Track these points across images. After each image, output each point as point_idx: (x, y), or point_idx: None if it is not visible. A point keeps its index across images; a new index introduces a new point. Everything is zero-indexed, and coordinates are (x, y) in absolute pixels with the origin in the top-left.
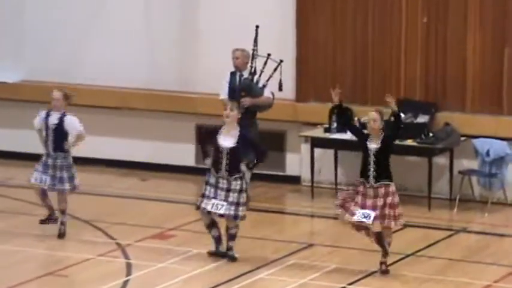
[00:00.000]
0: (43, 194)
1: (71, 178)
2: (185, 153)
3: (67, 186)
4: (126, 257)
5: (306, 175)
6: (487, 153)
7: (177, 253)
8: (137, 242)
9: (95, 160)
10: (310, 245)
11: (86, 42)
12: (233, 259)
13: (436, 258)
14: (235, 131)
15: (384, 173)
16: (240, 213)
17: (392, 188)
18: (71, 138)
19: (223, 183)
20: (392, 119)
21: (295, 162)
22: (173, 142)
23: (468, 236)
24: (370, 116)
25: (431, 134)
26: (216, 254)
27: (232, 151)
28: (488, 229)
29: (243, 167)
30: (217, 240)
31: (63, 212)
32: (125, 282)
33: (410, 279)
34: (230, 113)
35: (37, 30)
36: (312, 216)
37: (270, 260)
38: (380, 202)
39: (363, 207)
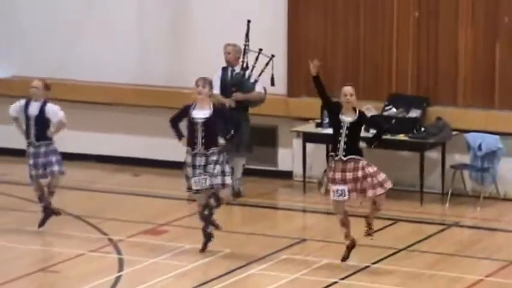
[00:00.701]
0: (40, 188)
1: (59, 161)
2: (177, 149)
3: (56, 167)
4: (118, 252)
5: (298, 170)
6: (479, 148)
7: (169, 249)
8: (129, 238)
9: (87, 156)
10: (302, 240)
11: (77, 38)
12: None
13: (428, 252)
14: (209, 106)
15: (353, 147)
16: (227, 182)
17: (362, 162)
18: (52, 126)
19: (200, 161)
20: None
21: (287, 157)
22: (165, 138)
23: (460, 230)
24: (346, 90)
25: (423, 129)
26: (206, 245)
27: (207, 123)
28: (481, 223)
29: (221, 140)
30: (207, 220)
31: (52, 193)
32: (117, 278)
33: (402, 273)
34: (202, 90)
35: (28, 26)
36: (304, 211)
37: (261, 255)
38: (350, 176)
39: (334, 182)
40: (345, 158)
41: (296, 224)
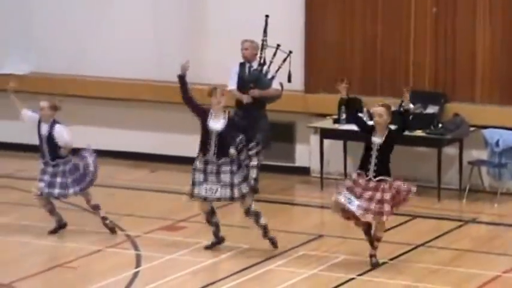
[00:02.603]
0: (49, 204)
1: (77, 181)
2: (194, 145)
3: (71, 191)
4: (136, 248)
5: (315, 166)
6: (497, 144)
7: (187, 245)
8: (146, 234)
9: (104, 152)
10: (320, 236)
11: (94, 34)
12: None
13: (445, 248)
14: (225, 115)
15: (383, 168)
16: (239, 192)
17: (385, 184)
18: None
19: (211, 169)
20: (401, 109)
21: (305, 153)
22: (182, 134)
23: (478, 226)
24: (376, 111)
25: (440, 125)
26: (214, 245)
27: (221, 134)
28: (498, 220)
29: (232, 151)
30: (217, 226)
31: (95, 208)
32: (135, 274)
33: (419, 269)
34: (222, 100)
35: (46, 22)
36: (322, 207)
37: (279, 251)
38: (367, 195)
39: (350, 191)
40: (374, 180)
41: (313, 220)
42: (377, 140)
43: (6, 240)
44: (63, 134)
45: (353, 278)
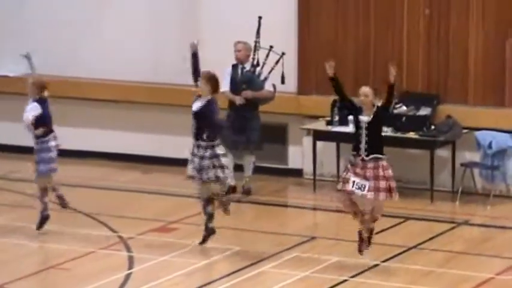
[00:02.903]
0: (44, 190)
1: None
2: (187, 146)
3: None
4: (128, 250)
5: (308, 168)
6: (489, 146)
7: (180, 246)
8: (139, 235)
9: (97, 153)
10: (313, 238)
11: (88, 35)
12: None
13: (438, 250)
14: (205, 99)
15: (375, 146)
16: (209, 176)
17: (383, 162)
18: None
19: (194, 149)
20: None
21: (297, 155)
22: (175, 135)
23: (470, 228)
24: (362, 91)
25: (433, 127)
26: (205, 239)
27: (197, 114)
28: (491, 222)
29: (204, 135)
30: (210, 217)
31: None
32: (127, 276)
33: (412, 271)
34: (205, 86)
35: (39, 23)
36: (314, 209)
37: (272, 253)
38: (370, 173)
39: (355, 174)
40: (367, 158)
41: (306, 221)
42: (365, 118)
43: None
44: (28, 111)
45: (346, 280)
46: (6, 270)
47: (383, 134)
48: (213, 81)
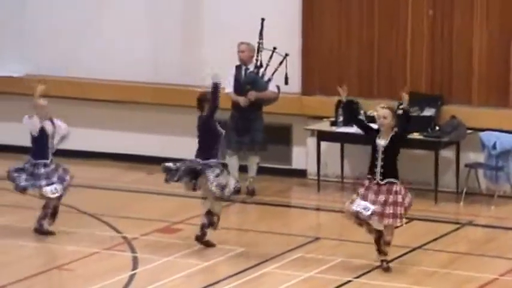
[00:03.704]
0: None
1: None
2: (191, 147)
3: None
4: (132, 250)
5: (312, 168)
6: (494, 147)
7: (184, 247)
8: (143, 236)
9: (101, 154)
10: (317, 239)
11: (90, 35)
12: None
13: (442, 251)
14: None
15: (390, 170)
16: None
17: (396, 187)
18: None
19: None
20: (400, 112)
21: (302, 155)
22: (179, 136)
23: (474, 229)
24: (380, 113)
25: (437, 128)
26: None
27: (198, 128)
28: (495, 222)
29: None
30: (212, 224)
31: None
32: (131, 276)
33: (416, 272)
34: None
35: (41, 24)
36: (318, 209)
37: (275, 253)
38: (381, 199)
39: (364, 198)
40: (381, 182)
41: (310, 222)
42: (382, 142)
43: (2, 243)
44: (62, 124)
45: (350, 281)
46: (9, 271)
47: None
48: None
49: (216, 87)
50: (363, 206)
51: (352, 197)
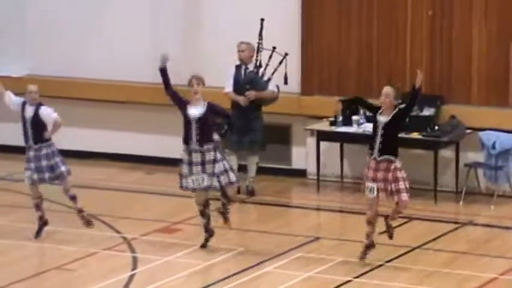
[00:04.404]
0: (39, 196)
1: (63, 161)
2: None
3: (63, 168)
4: (132, 251)
5: (311, 168)
6: (493, 146)
7: (183, 247)
8: (143, 236)
9: (101, 154)
10: (316, 238)
11: (90, 36)
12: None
13: (442, 251)
14: (203, 103)
15: (389, 147)
16: (232, 179)
17: (395, 164)
18: (49, 128)
19: (196, 157)
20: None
21: (301, 155)
22: (178, 136)
23: (474, 228)
24: (384, 91)
25: (436, 127)
26: (207, 241)
27: (200, 120)
28: (494, 222)
29: (215, 136)
30: (209, 219)
31: (73, 198)
32: (131, 276)
33: (416, 272)
34: (198, 88)
35: (42, 24)
36: (318, 209)
37: (276, 253)
38: (380, 176)
39: (367, 178)
40: (379, 158)
41: (310, 222)
42: (383, 118)
43: (1, 243)
44: (50, 113)
45: (350, 281)
46: (10, 271)
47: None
48: (204, 82)
49: (161, 72)
50: (369, 189)
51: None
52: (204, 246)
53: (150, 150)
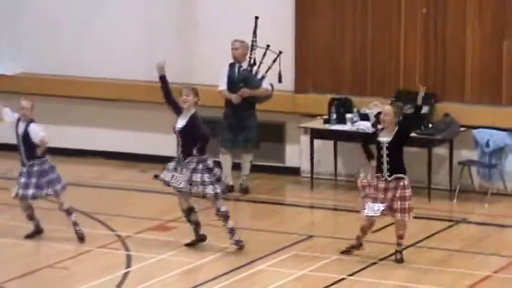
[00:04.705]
0: (29, 209)
1: (58, 178)
2: None
3: (58, 186)
4: (126, 248)
5: (305, 166)
6: (487, 144)
7: (177, 245)
8: (137, 234)
9: (95, 152)
10: (310, 237)
11: (85, 34)
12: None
13: (436, 249)
14: (189, 114)
15: (397, 165)
16: (208, 192)
17: (404, 181)
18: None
19: (182, 165)
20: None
21: (295, 153)
22: (172, 134)
23: (468, 226)
24: (384, 109)
25: (430, 125)
26: (195, 243)
27: (182, 132)
28: (488, 220)
29: (194, 151)
30: (197, 224)
31: (68, 212)
32: (125, 274)
33: (410, 270)
34: (187, 99)
35: (36, 22)
36: (312, 207)
37: (269, 251)
38: (389, 195)
39: (374, 200)
40: (389, 179)
41: (304, 220)
42: (385, 138)
43: None
44: (37, 131)
45: (343, 278)
46: (4, 270)
47: None
48: (197, 93)
49: (160, 79)
50: (372, 209)
51: (363, 193)
52: (189, 245)
53: (143, 148)
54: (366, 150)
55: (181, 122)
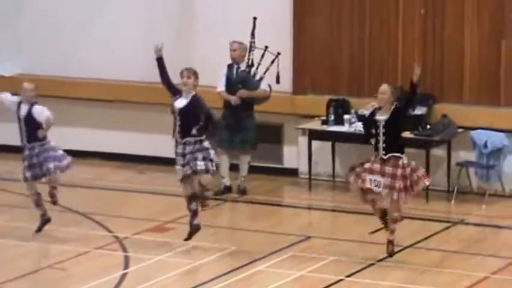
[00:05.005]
0: (36, 194)
1: (57, 158)
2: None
3: (51, 165)
4: (124, 250)
5: (303, 167)
6: (485, 145)
7: (175, 246)
8: (135, 235)
9: (92, 153)
10: (308, 238)
11: (83, 35)
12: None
13: (434, 250)
14: (190, 96)
15: (392, 145)
16: (201, 167)
17: (403, 160)
18: (43, 126)
19: (179, 148)
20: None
21: (293, 154)
22: (170, 135)
23: (466, 227)
24: (380, 89)
25: (428, 126)
26: (190, 235)
27: (182, 112)
28: (486, 221)
29: (193, 131)
30: (195, 214)
31: (53, 188)
32: (123, 276)
33: (408, 271)
34: (188, 81)
35: (34, 23)
36: (310, 208)
37: (267, 252)
38: (389, 170)
39: (371, 172)
40: (385, 157)
41: (301, 221)
42: (382, 117)
43: None
44: (43, 111)
45: (341, 279)
46: (2, 270)
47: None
48: (197, 76)
49: (157, 61)
50: (374, 182)
51: (362, 174)
52: (187, 239)
53: (141, 149)
54: (366, 130)
55: (181, 102)
